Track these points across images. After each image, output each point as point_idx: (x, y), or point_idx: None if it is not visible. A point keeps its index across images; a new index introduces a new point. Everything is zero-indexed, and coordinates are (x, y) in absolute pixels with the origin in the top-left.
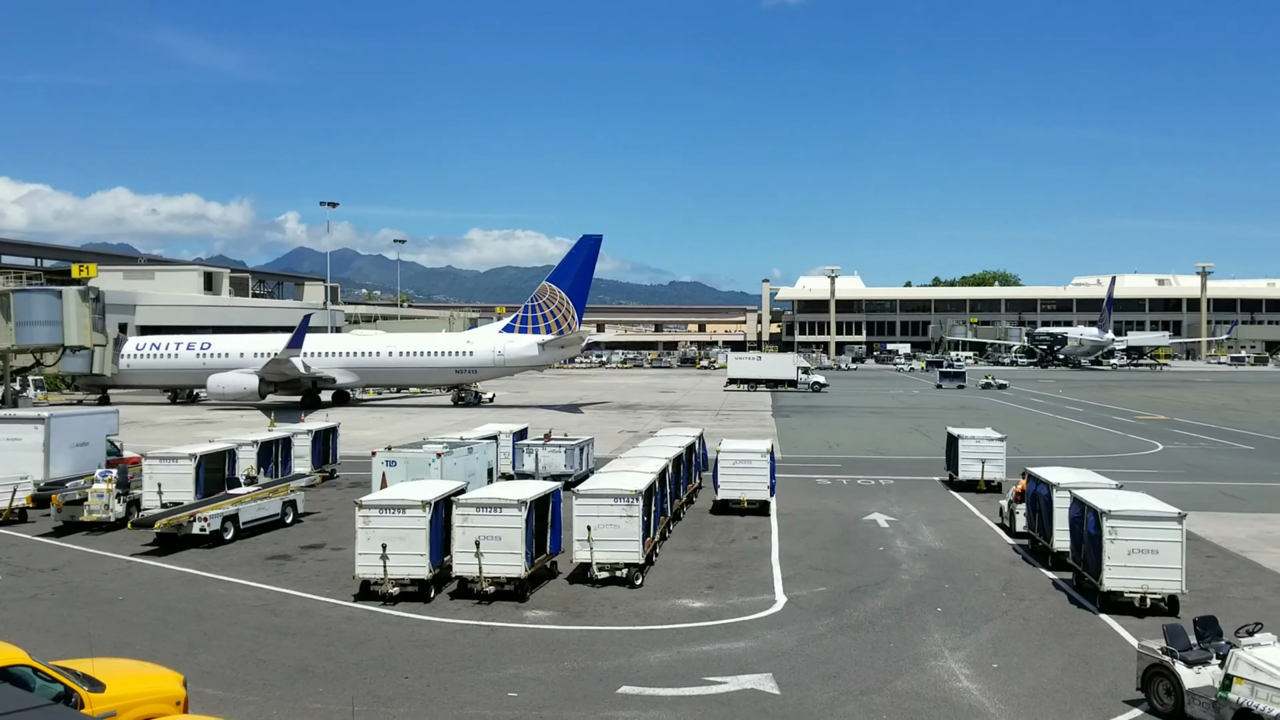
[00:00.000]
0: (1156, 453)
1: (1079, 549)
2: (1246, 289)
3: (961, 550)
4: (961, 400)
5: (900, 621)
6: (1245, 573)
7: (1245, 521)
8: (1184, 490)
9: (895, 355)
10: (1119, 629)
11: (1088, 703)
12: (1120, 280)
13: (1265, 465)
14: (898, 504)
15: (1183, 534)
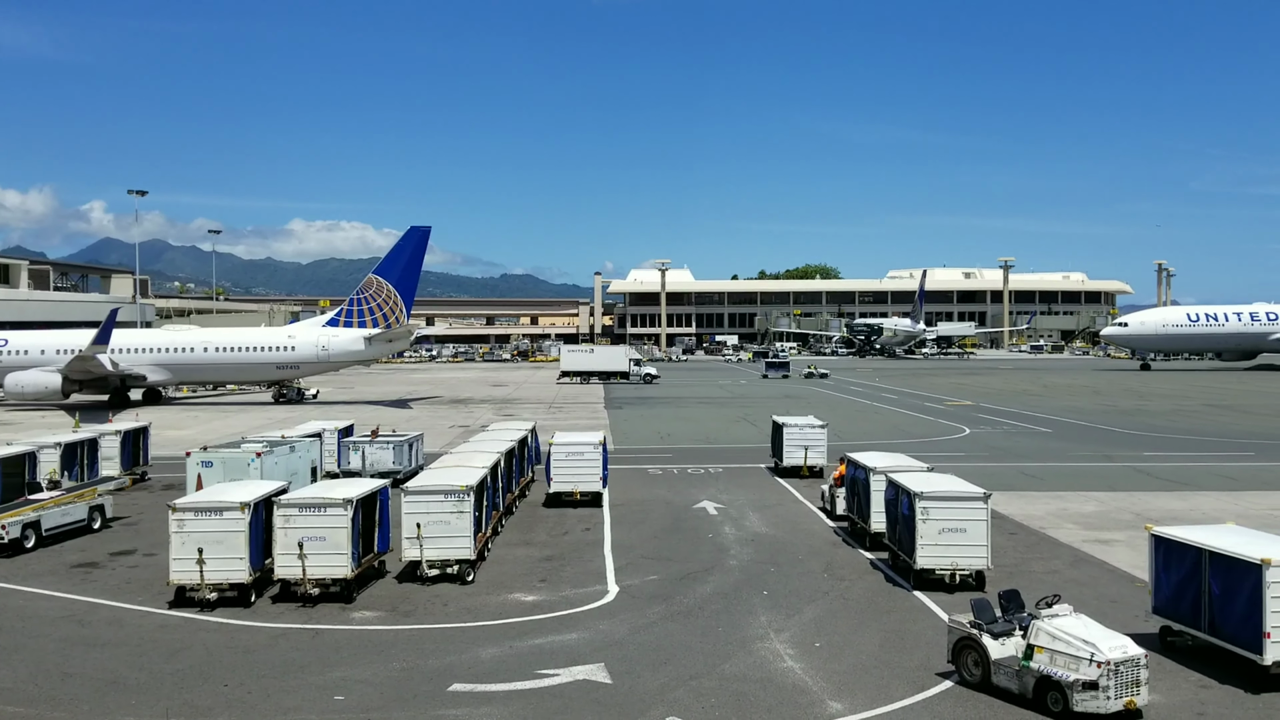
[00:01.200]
0: (964, 436)
1: (894, 530)
2: (1044, 281)
3: (786, 535)
4: (786, 389)
5: (728, 606)
6: (1044, 548)
7: (1044, 500)
8: (989, 471)
9: (724, 346)
10: (931, 605)
11: (903, 677)
12: (930, 273)
13: (1062, 446)
14: (726, 491)
15: (988, 513)
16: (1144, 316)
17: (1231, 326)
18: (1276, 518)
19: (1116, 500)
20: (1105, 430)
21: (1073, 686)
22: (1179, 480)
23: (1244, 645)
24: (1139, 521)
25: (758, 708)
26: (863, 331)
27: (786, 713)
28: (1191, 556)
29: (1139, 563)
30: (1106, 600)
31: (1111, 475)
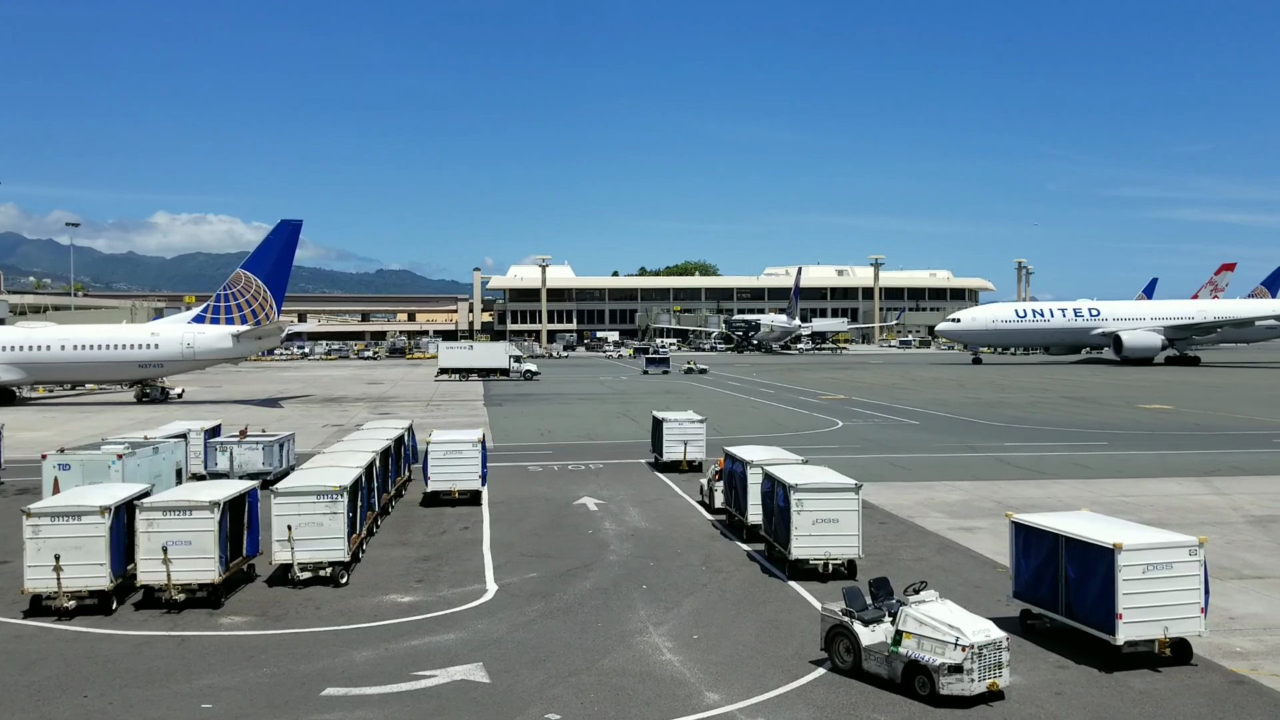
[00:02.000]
0: (837, 429)
1: (770, 521)
2: (912, 279)
3: (666, 529)
4: (666, 385)
5: (608, 601)
6: (912, 536)
7: (912, 490)
8: (861, 463)
9: (605, 343)
10: (805, 594)
11: (778, 666)
12: (806, 271)
13: (929, 438)
14: (607, 487)
15: (859, 503)
16: (975, 313)
17: (1056, 322)
18: (1128, 504)
19: (980, 489)
20: (969, 422)
21: (939, 670)
22: (1037, 469)
23: (1098, 626)
24: (1000, 509)
25: (636, 701)
26: (741, 328)
27: (665, 705)
28: (1049, 542)
29: (1001, 549)
30: (971, 585)
31: (975, 465)
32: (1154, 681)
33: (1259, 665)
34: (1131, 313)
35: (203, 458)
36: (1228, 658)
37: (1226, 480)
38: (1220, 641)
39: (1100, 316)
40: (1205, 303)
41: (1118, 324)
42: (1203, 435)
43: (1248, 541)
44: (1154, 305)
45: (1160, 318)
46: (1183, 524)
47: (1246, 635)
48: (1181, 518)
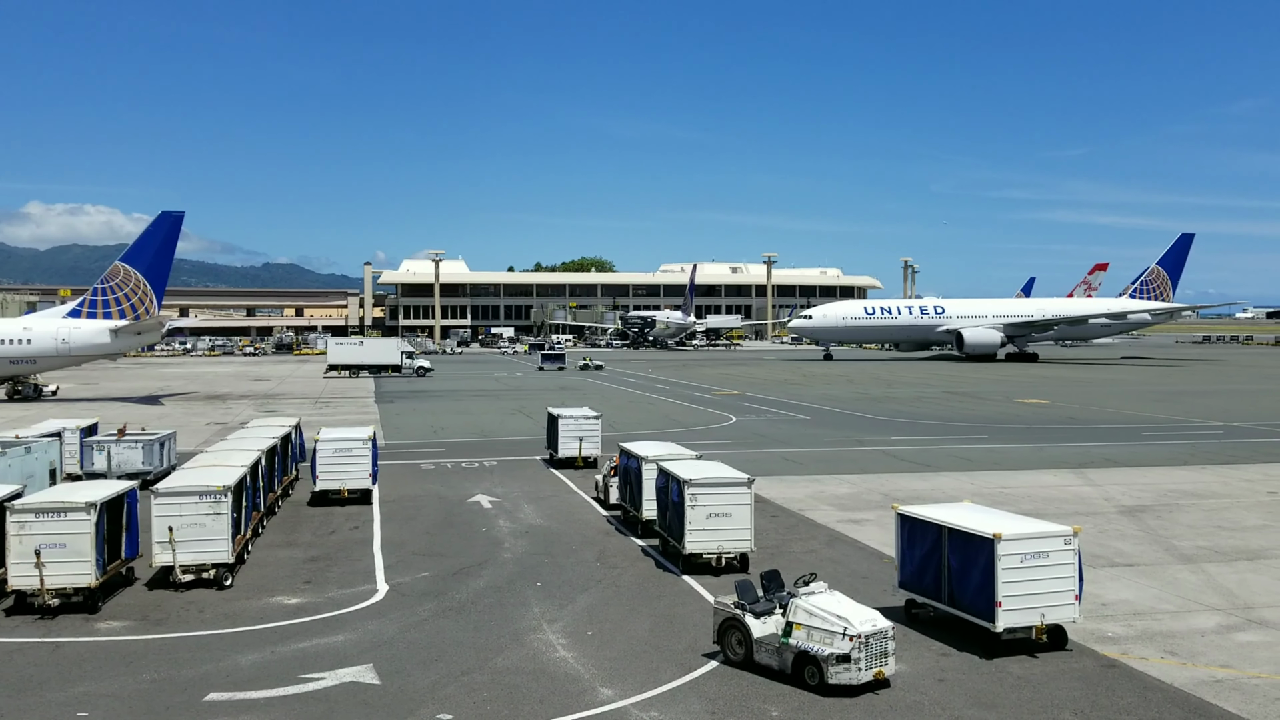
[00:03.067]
0: (731, 425)
1: (665, 516)
2: (804, 276)
3: (560, 525)
4: (562, 381)
5: (502, 599)
6: (803, 529)
7: (803, 483)
8: (753, 458)
9: (500, 339)
10: (699, 588)
11: (671, 659)
12: (700, 268)
13: (819, 432)
14: (501, 484)
15: (751, 497)
16: (826, 310)
17: (904, 319)
18: (1007, 495)
19: (867, 482)
20: (858, 417)
21: (827, 660)
22: (922, 462)
23: (979, 614)
24: (887, 501)
25: (529, 699)
26: (636, 324)
27: (558, 702)
28: (933, 533)
29: (887, 540)
30: (858, 576)
31: (863, 459)
32: (1031, 667)
33: (1129, 649)
34: (974, 311)
35: (79, 457)
36: (1100, 643)
37: (1099, 472)
38: (1093, 627)
39: (945, 314)
40: (1043, 301)
41: (960, 321)
42: (1077, 429)
43: (1119, 530)
44: (995, 304)
45: (1001, 316)
46: (1058, 514)
47: (1118, 621)
48: (1057, 508)
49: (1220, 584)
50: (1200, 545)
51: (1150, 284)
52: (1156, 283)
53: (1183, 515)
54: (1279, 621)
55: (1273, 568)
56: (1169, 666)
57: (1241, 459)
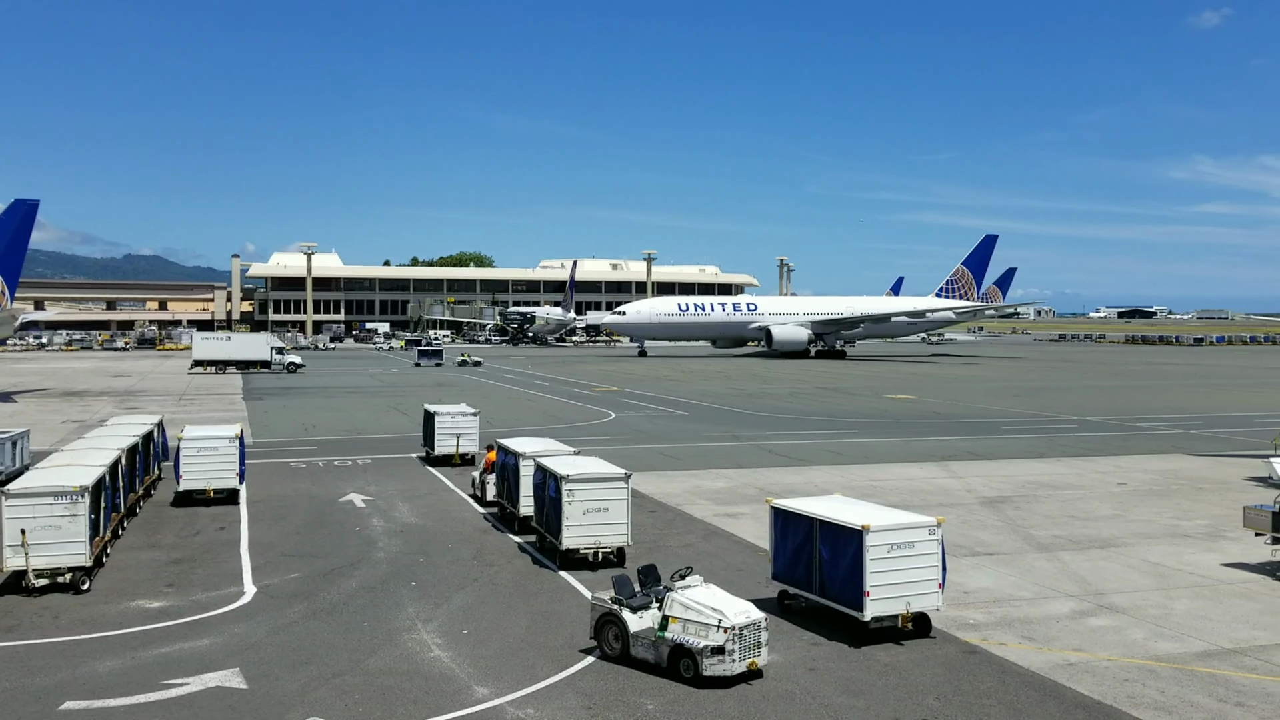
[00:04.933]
0: (610, 420)
1: (542, 512)
2: (683, 274)
3: (436, 524)
4: (439, 378)
5: (375, 600)
6: (680, 523)
7: (681, 478)
8: (632, 453)
9: (375, 334)
10: (576, 584)
11: (549, 656)
12: (581, 264)
13: (697, 428)
14: (375, 483)
15: (629, 492)
16: (639, 306)
17: (717, 316)
18: (876, 487)
19: (743, 476)
20: (735, 412)
21: (702, 653)
22: (796, 456)
23: (848, 604)
24: (762, 495)
25: (403, 700)
26: (516, 320)
27: (432, 702)
28: (805, 526)
29: (762, 533)
30: (734, 569)
31: (739, 453)
32: (897, 654)
33: (989, 635)
34: (786, 308)
35: None
36: (962, 629)
37: (962, 464)
38: (956, 615)
39: (757, 311)
40: (852, 299)
41: (772, 319)
42: (941, 423)
43: (980, 521)
44: (806, 301)
45: (811, 314)
46: (924, 505)
47: (978, 608)
48: (923, 500)
49: (1074, 571)
50: (1056, 534)
51: (956, 284)
52: (962, 282)
53: (1040, 506)
54: (1127, 607)
55: (1122, 555)
56: (1026, 651)
57: (1094, 452)
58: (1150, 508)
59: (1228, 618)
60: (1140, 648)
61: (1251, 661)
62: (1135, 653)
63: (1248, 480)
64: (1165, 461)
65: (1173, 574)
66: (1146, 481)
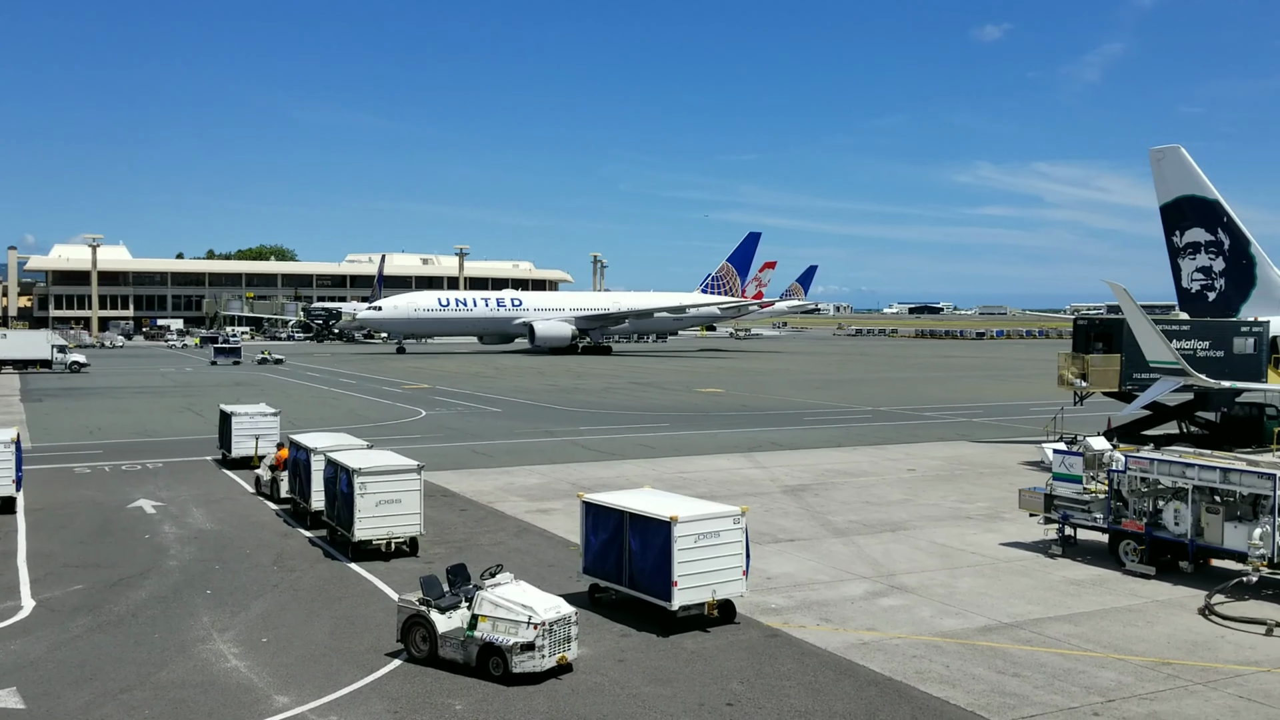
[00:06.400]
0: (420, 419)
1: (333, 506)
2: (496, 269)
3: (234, 529)
4: (237, 377)
5: (166, 610)
6: (492, 521)
7: (493, 476)
8: (443, 451)
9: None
10: (383, 587)
11: (353, 661)
12: (390, 258)
13: (510, 424)
14: (168, 488)
15: (421, 483)
16: (396, 301)
17: (480, 312)
18: (685, 479)
19: (556, 472)
20: (548, 408)
21: (512, 650)
22: (608, 451)
23: (656, 594)
24: (574, 490)
25: (197, 713)
26: (321, 316)
27: (229, 714)
28: (615, 518)
29: (574, 528)
30: (545, 565)
31: (552, 449)
32: (703, 641)
33: (790, 619)
34: (551, 304)
35: None
36: (765, 614)
37: (766, 455)
38: (759, 600)
39: (522, 306)
40: (618, 295)
41: (536, 314)
42: (747, 415)
43: (782, 509)
44: (572, 297)
45: (577, 309)
46: (730, 495)
47: (780, 593)
48: (729, 490)
49: (868, 554)
50: (851, 520)
51: (721, 280)
52: (726, 279)
53: (837, 493)
54: (916, 586)
55: (911, 538)
56: (824, 633)
57: (887, 440)
58: (937, 492)
59: (1006, 594)
60: (927, 625)
61: (1027, 635)
62: (923, 630)
63: (1023, 464)
64: (950, 448)
65: (957, 554)
66: (934, 468)
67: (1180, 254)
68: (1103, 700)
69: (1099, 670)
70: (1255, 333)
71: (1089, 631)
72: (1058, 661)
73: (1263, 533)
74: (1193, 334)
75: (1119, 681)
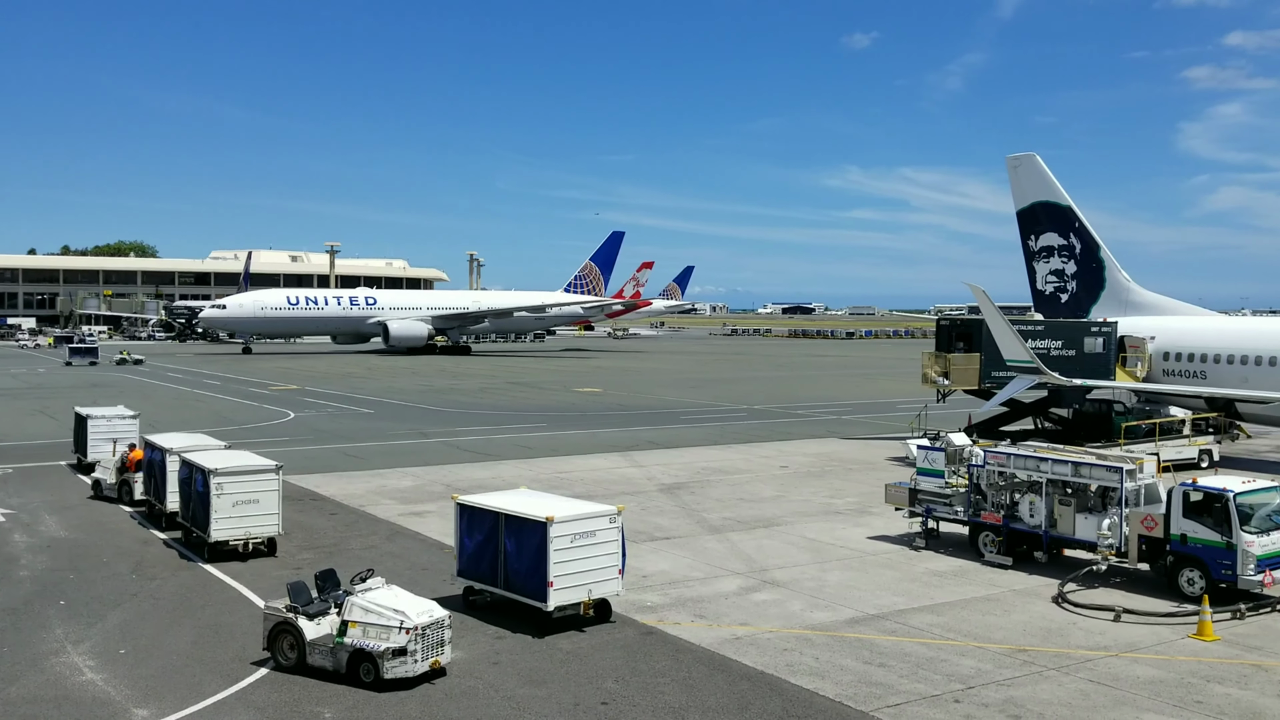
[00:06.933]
0: (289, 421)
1: (189, 507)
2: (369, 267)
3: (89, 536)
4: (93, 378)
5: (16, 623)
6: (364, 524)
7: (364, 478)
8: (312, 454)
9: (19, 330)
10: (249, 594)
11: (217, 671)
12: (256, 255)
13: (382, 426)
14: (17, 494)
15: (279, 483)
16: (242, 299)
17: (332, 310)
18: (562, 479)
19: (430, 474)
20: (422, 409)
21: (383, 655)
22: (484, 452)
23: (532, 595)
24: (449, 492)
25: None
26: (183, 314)
27: None
28: (490, 520)
29: (448, 530)
30: (419, 568)
31: (426, 451)
32: (579, 641)
33: (665, 616)
34: (408, 302)
35: None
36: (640, 612)
37: (643, 454)
38: (635, 598)
39: (376, 305)
40: (478, 294)
41: (391, 313)
42: (625, 414)
43: (659, 507)
44: (430, 295)
45: (435, 308)
46: (607, 495)
47: (655, 591)
48: (606, 489)
49: (741, 550)
50: (726, 516)
51: (584, 279)
52: (590, 278)
53: (712, 490)
54: (787, 581)
55: (783, 534)
56: (698, 629)
57: (760, 438)
58: (808, 488)
59: (873, 586)
60: (798, 618)
61: (892, 625)
62: (794, 623)
63: (890, 460)
64: (821, 445)
65: (827, 548)
66: (805, 464)
67: (1035, 257)
68: (963, 687)
69: (960, 658)
70: (1104, 333)
71: (950, 621)
72: (921, 651)
73: (1111, 523)
74: (1047, 334)
75: (978, 669)
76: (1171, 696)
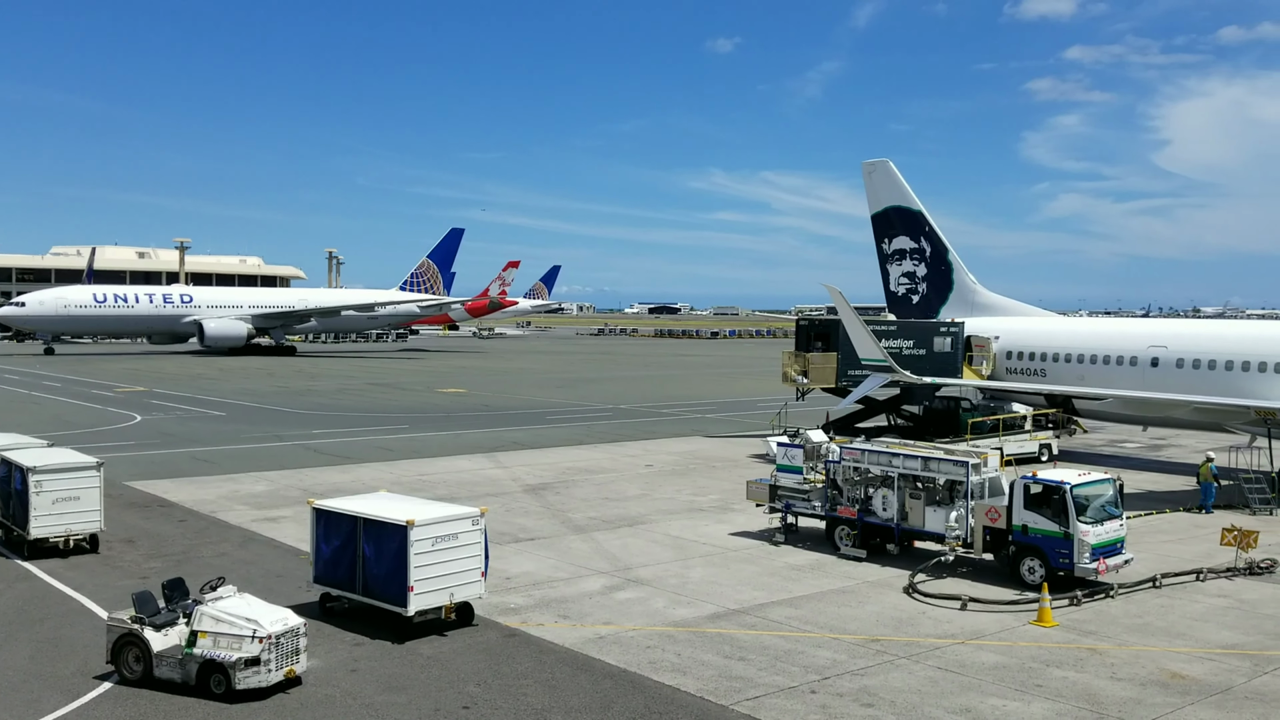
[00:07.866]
0: (135, 424)
1: (8, 505)
2: (222, 264)
3: None
4: None
5: None
6: (215, 531)
7: (216, 483)
8: (161, 459)
9: None
10: (93, 606)
11: (56, 687)
12: (101, 251)
13: (235, 429)
14: None
15: (101, 480)
16: (43, 296)
17: (143, 309)
18: (425, 481)
19: (286, 478)
20: (277, 411)
21: (235, 666)
22: (343, 455)
23: (392, 600)
24: (305, 497)
25: None
26: None
27: None
28: (347, 525)
29: (304, 536)
30: (273, 576)
31: (282, 454)
32: (440, 645)
33: (529, 618)
34: (227, 300)
35: None
36: (504, 614)
37: (508, 454)
38: (498, 600)
39: (193, 303)
40: (304, 292)
41: (209, 312)
42: (490, 415)
43: (524, 508)
44: (251, 294)
45: (257, 306)
46: (471, 496)
47: (519, 592)
48: (470, 490)
49: (606, 550)
50: (591, 516)
51: (421, 276)
52: (428, 275)
53: (578, 490)
54: (651, 579)
55: (648, 532)
56: (562, 629)
57: (626, 437)
58: (672, 486)
59: (734, 581)
60: (661, 615)
61: (752, 619)
62: (657, 620)
63: (751, 457)
64: (685, 444)
65: (690, 545)
66: (670, 462)
67: (889, 260)
68: (819, 678)
69: (816, 650)
70: (952, 333)
71: (808, 614)
72: (780, 644)
73: (958, 515)
74: (899, 334)
75: (834, 660)
76: (1014, 681)
